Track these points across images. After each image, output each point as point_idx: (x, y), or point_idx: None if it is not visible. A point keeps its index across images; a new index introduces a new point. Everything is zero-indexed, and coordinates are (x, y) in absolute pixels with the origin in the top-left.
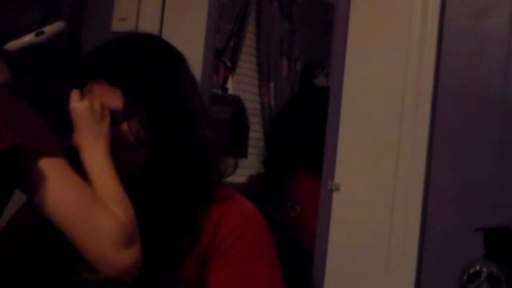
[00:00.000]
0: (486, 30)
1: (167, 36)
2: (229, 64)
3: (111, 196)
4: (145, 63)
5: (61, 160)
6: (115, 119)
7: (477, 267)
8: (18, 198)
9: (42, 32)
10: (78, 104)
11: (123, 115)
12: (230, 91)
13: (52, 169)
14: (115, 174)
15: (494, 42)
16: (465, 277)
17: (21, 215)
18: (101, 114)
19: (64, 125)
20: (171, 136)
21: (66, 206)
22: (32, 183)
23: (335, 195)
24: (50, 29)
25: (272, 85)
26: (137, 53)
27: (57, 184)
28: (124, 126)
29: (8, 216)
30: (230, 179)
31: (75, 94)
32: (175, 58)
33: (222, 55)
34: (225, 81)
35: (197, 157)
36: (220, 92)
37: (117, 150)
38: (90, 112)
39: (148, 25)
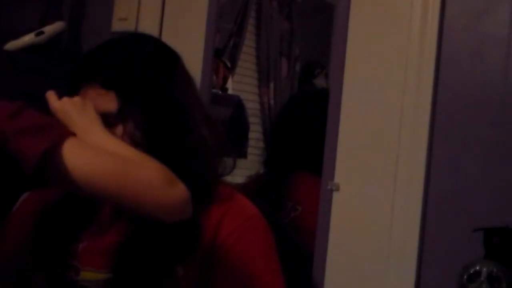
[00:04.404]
0: (486, 30)
1: (167, 36)
2: (229, 64)
3: (134, 156)
4: (138, 64)
5: (75, 138)
6: (111, 121)
7: (477, 267)
8: None
9: (42, 32)
10: (57, 104)
11: (118, 117)
12: (230, 91)
13: (75, 150)
14: (124, 142)
15: (494, 42)
16: (465, 277)
17: (20, 214)
18: (82, 103)
19: None
20: (166, 136)
21: (105, 175)
22: (63, 173)
23: (335, 195)
24: (50, 29)
25: (272, 85)
26: (130, 55)
27: (86, 160)
28: (120, 128)
29: None
30: (229, 179)
31: (51, 96)
32: (168, 58)
33: (222, 55)
34: (225, 81)
35: (194, 156)
36: (220, 92)
37: None
38: (71, 105)
39: (148, 25)
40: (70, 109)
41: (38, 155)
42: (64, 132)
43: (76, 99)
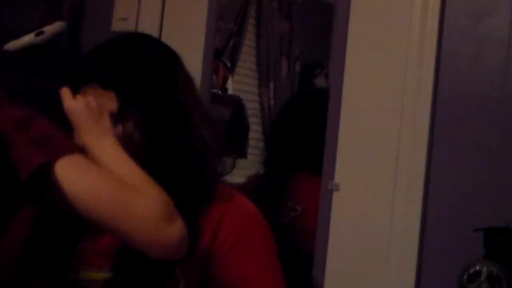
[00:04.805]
0: (486, 30)
1: (167, 36)
2: (228, 64)
3: (138, 179)
4: (137, 64)
5: (77, 156)
6: (110, 121)
7: (477, 267)
8: None
9: (42, 32)
10: (73, 103)
11: (117, 117)
12: (230, 91)
13: (73, 169)
14: (132, 160)
15: (494, 42)
16: (465, 277)
17: (20, 214)
18: (99, 111)
19: (64, 125)
20: (165, 136)
21: (99, 201)
22: (57, 190)
23: (335, 195)
24: (50, 29)
25: (271, 85)
26: (129, 55)
27: (83, 182)
28: (119, 128)
29: None
30: (229, 179)
31: (66, 93)
32: (168, 58)
33: (222, 55)
34: (225, 81)
35: (194, 156)
36: (220, 92)
37: None
38: (87, 110)
39: (148, 25)
40: (86, 114)
41: (33, 168)
42: (67, 147)
43: (93, 103)
